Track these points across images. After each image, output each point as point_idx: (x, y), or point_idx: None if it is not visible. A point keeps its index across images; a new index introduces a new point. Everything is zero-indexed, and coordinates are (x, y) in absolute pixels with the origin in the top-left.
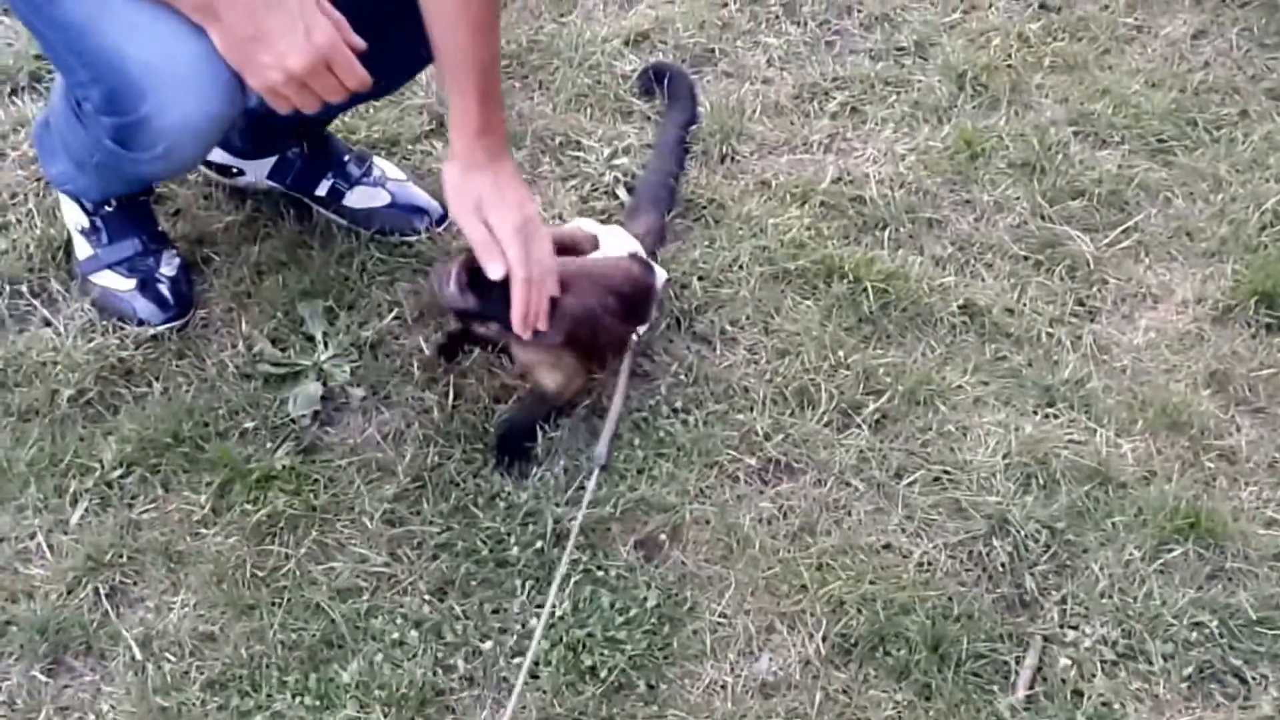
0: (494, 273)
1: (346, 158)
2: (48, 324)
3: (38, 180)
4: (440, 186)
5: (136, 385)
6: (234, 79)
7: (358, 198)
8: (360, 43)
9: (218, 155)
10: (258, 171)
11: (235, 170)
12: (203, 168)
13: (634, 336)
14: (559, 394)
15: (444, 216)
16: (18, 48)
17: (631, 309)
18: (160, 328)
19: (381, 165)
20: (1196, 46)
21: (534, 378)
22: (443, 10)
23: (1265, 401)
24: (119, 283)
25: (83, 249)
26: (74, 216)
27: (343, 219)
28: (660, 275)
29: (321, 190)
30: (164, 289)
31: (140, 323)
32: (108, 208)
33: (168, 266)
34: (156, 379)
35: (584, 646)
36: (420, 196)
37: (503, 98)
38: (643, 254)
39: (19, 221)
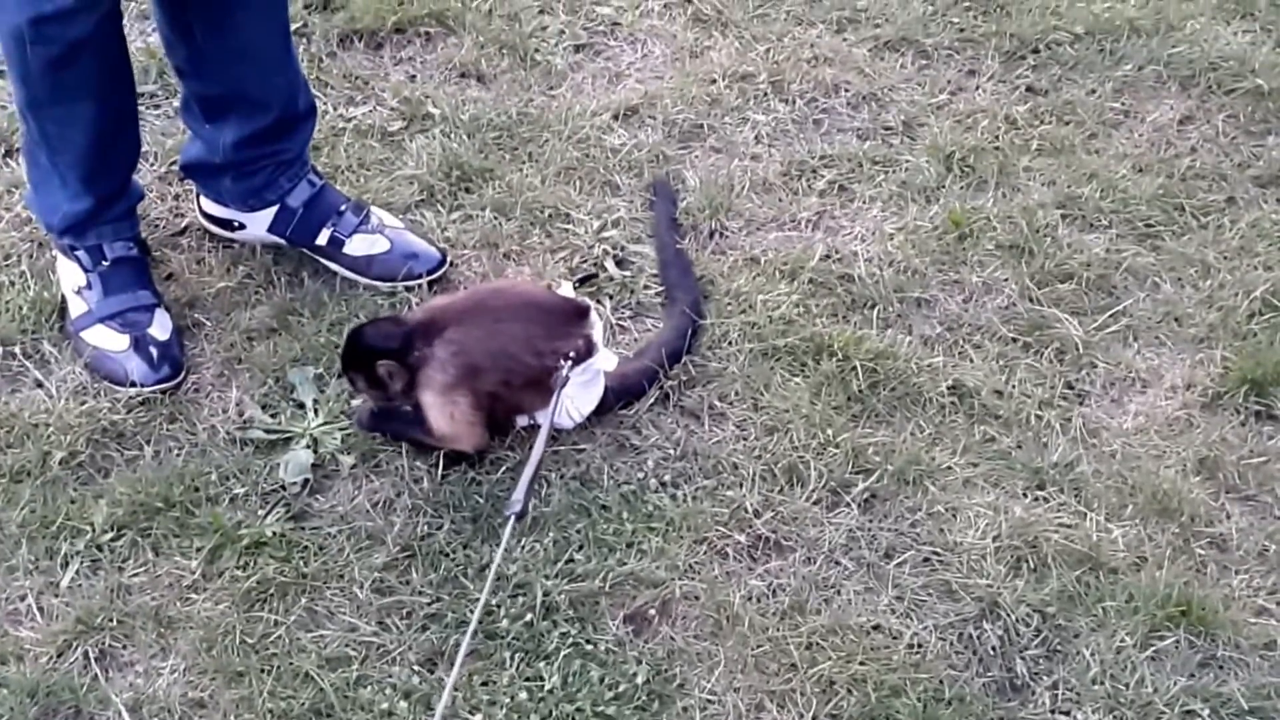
0: None
1: (343, 207)
2: (40, 385)
3: (32, 241)
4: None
5: (128, 448)
6: None
7: (357, 245)
8: None
9: (218, 210)
10: (258, 225)
11: (237, 224)
12: (204, 222)
13: (560, 371)
14: (443, 439)
15: (441, 262)
16: (12, 109)
17: (547, 336)
18: (152, 389)
19: (378, 213)
20: (1183, 132)
21: (428, 417)
22: None
23: (1255, 489)
24: (111, 341)
25: (76, 307)
26: (71, 277)
27: (343, 267)
28: (590, 306)
29: (322, 239)
30: (156, 350)
31: (132, 384)
32: (105, 264)
33: (160, 329)
34: (148, 442)
35: None
36: (418, 243)
37: None
38: (610, 365)
39: (12, 283)
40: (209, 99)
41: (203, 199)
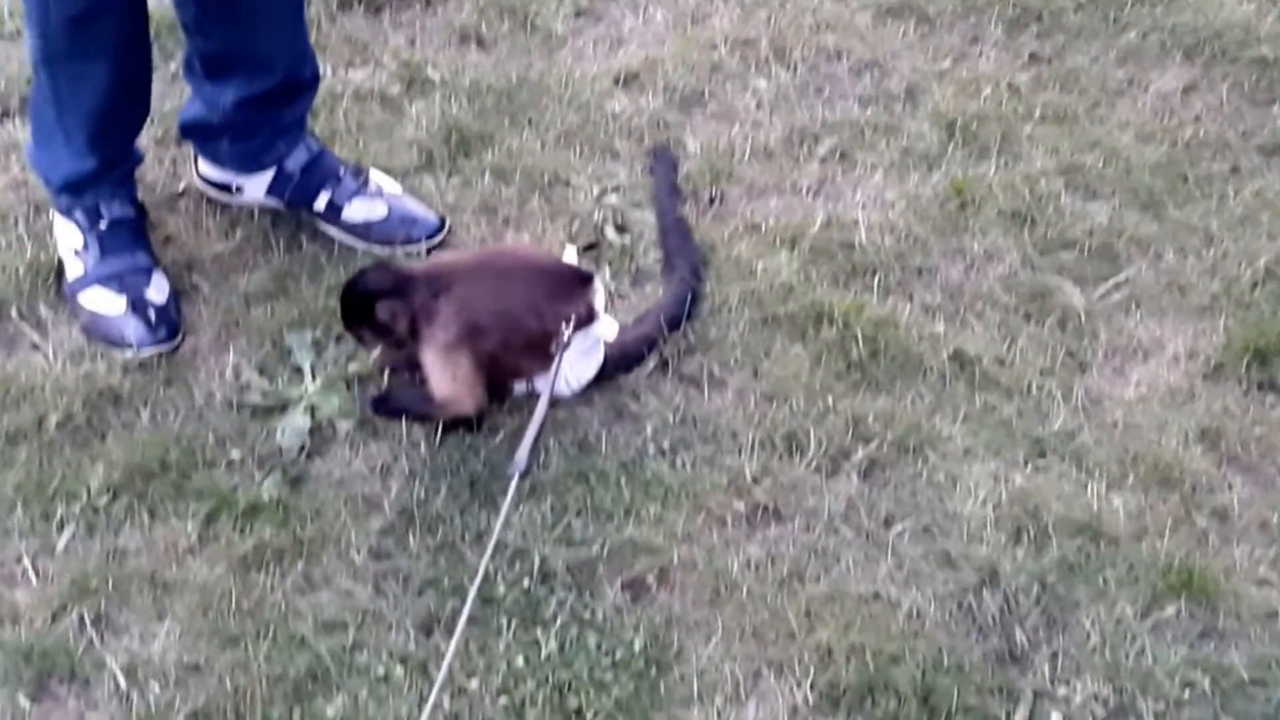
0: None
1: (342, 171)
2: (36, 348)
3: (29, 203)
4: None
5: (124, 412)
6: None
7: (356, 210)
8: None
9: (215, 173)
10: (256, 188)
11: (235, 187)
12: (202, 185)
13: (562, 334)
14: (445, 405)
15: (439, 227)
16: (9, 72)
17: (550, 300)
18: (149, 352)
19: (378, 178)
20: (1187, 101)
21: (429, 381)
22: None
23: (1257, 460)
24: (109, 304)
25: (74, 269)
26: (68, 238)
27: (342, 232)
28: (594, 274)
29: (319, 204)
30: (153, 313)
31: (129, 347)
32: (102, 225)
33: (158, 292)
34: (145, 406)
35: (570, 688)
36: (416, 208)
37: None
38: (611, 334)
39: (9, 245)
40: (212, 57)
41: (200, 161)
